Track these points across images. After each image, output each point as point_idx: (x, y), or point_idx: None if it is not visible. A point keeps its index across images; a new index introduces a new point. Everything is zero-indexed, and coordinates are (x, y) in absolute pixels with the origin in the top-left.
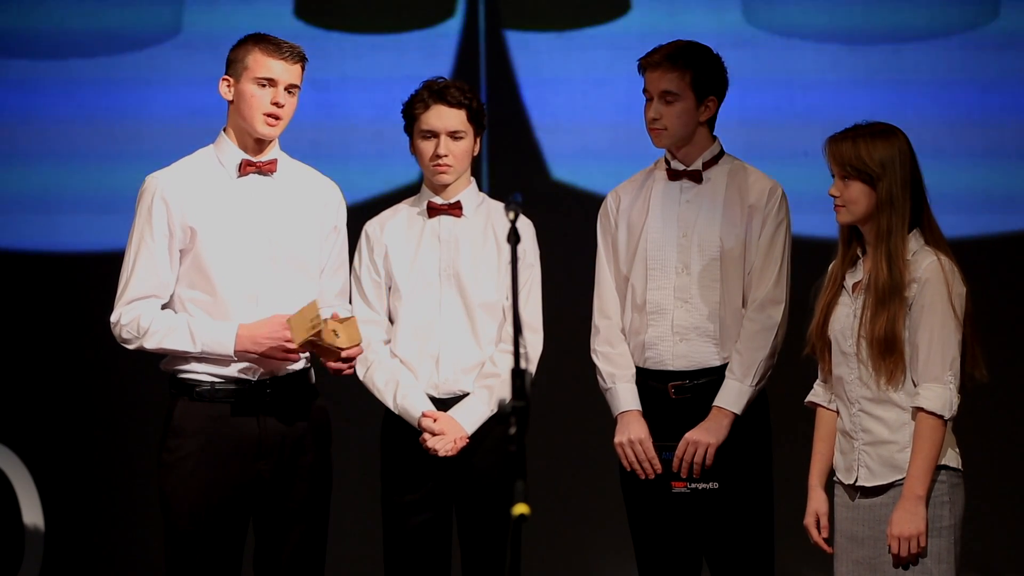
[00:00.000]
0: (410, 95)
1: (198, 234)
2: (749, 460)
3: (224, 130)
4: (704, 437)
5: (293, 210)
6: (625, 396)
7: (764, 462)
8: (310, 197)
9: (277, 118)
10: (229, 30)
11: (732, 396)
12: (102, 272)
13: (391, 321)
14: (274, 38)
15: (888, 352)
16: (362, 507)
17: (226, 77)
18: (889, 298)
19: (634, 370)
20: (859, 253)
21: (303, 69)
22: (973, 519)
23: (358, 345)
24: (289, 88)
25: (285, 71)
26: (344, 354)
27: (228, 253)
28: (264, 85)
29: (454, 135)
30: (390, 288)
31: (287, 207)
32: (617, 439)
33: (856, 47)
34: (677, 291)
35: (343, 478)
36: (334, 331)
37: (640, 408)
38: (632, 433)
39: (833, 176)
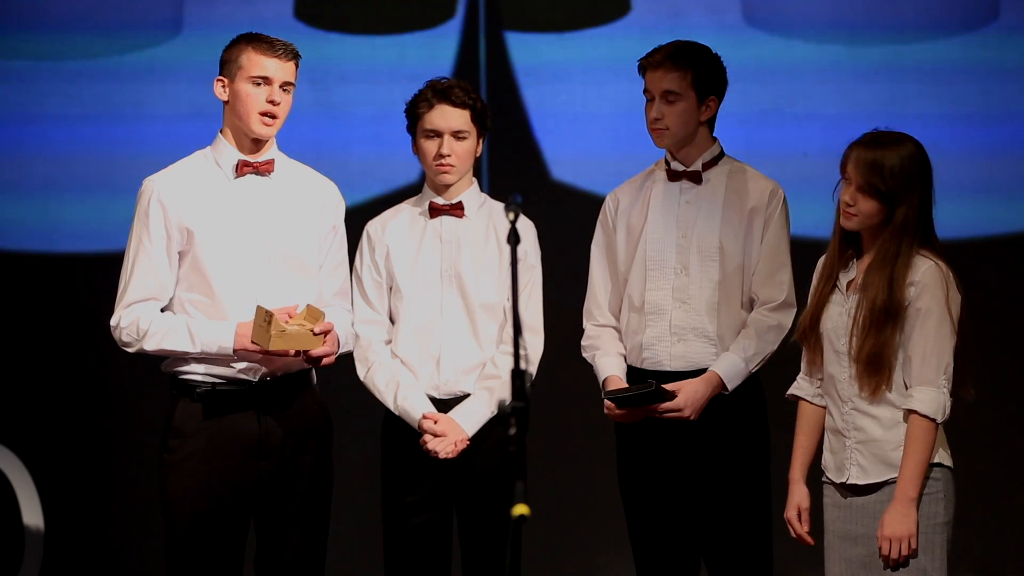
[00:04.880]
0: (414, 94)
1: (195, 236)
2: (746, 460)
3: (220, 131)
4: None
5: (291, 210)
6: (607, 365)
7: (761, 462)
8: (308, 197)
9: (273, 116)
10: (229, 31)
11: (727, 367)
12: (102, 273)
13: (392, 321)
14: (267, 36)
15: (874, 370)
16: (362, 508)
17: (220, 78)
18: (883, 321)
19: (621, 348)
20: (853, 252)
21: (297, 66)
22: (972, 518)
23: (327, 325)
24: (284, 86)
25: (279, 69)
26: (319, 328)
27: (226, 255)
28: (259, 84)
29: (457, 135)
30: (391, 288)
31: (285, 207)
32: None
33: (856, 47)
34: (675, 292)
35: (343, 478)
36: (299, 324)
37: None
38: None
39: (844, 176)
